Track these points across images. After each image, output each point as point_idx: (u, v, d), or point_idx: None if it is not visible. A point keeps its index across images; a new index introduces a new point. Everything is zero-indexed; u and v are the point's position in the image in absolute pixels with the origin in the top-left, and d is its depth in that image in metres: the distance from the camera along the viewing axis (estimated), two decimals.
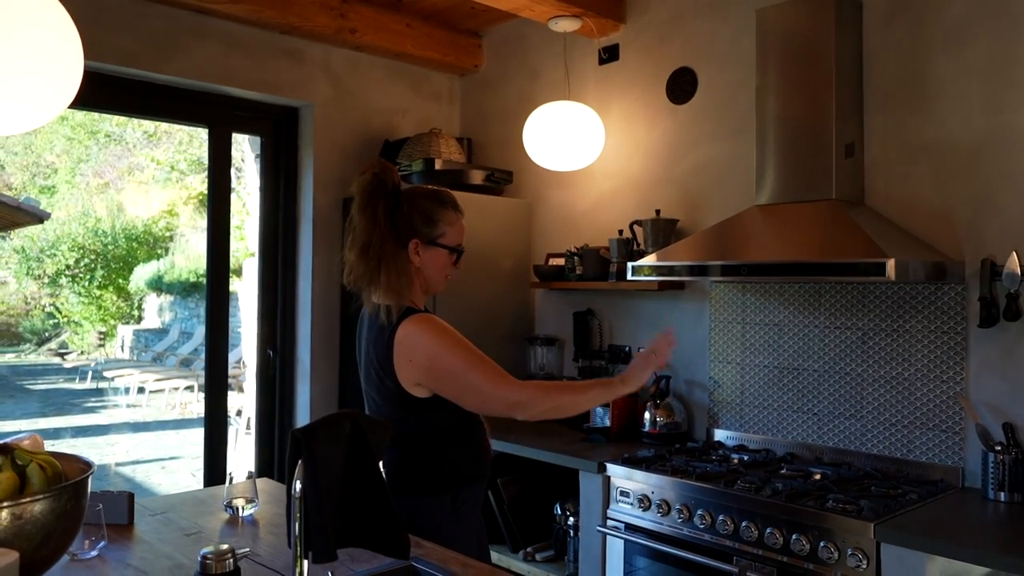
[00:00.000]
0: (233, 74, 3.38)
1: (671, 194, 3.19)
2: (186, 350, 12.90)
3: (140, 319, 16.35)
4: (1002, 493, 2.22)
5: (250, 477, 1.99)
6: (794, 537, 2.13)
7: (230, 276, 3.62)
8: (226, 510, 1.96)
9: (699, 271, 2.55)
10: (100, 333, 15.77)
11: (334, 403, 3.67)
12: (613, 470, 2.63)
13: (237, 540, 1.78)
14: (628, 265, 2.78)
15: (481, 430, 2.03)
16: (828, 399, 2.70)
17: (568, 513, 2.92)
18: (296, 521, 1.36)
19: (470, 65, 4.00)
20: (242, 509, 1.94)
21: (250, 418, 4.90)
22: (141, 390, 10.71)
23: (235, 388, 8.24)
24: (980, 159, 2.39)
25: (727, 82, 3.02)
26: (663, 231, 3.04)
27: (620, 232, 3.22)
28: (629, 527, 2.56)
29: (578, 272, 3.28)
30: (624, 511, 2.59)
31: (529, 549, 3.05)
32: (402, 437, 1.91)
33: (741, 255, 2.49)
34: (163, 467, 7.27)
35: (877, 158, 2.61)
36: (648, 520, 2.51)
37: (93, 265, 15.64)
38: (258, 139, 3.71)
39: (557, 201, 3.66)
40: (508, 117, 3.85)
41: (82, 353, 15.30)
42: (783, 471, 2.49)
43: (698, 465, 2.53)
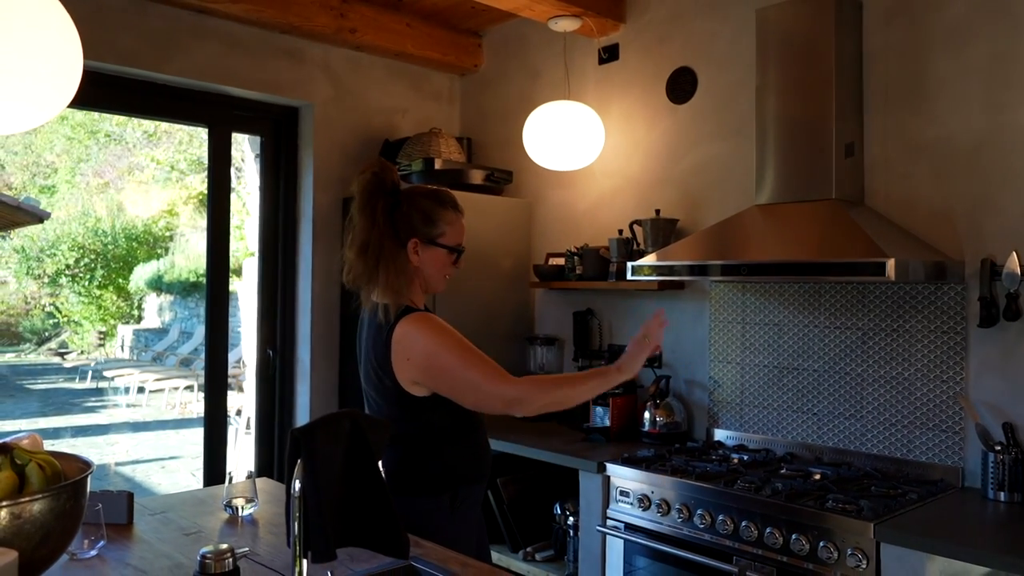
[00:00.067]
0: (233, 74, 3.38)
1: (671, 194, 3.19)
2: (186, 350, 12.90)
3: (140, 319, 16.35)
4: (1002, 493, 2.22)
5: (250, 477, 1.99)
6: (794, 537, 2.13)
7: (230, 276, 3.62)
8: (226, 510, 1.96)
9: (699, 271, 2.55)
10: (100, 333, 15.78)
11: (334, 403, 3.67)
12: (613, 470, 2.63)
13: (236, 540, 1.78)
14: (628, 265, 2.78)
15: (481, 430, 2.03)
16: (828, 399, 2.70)
17: (568, 513, 2.92)
18: (295, 520, 1.36)
19: (470, 65, 4.00)
20: (242, 509, 1.94)
21: (250, 418, 4.90)
22: (141, 390, 10.72)
23: (235, 388, 8.24)
24: (980, 159, 2.39)
25: (727, 82, 3.02)
26: (663, 231, 3.04)
27: (620, 232, 3.22)
28: (629, 527, 2.56)
29: (578, 272, 3.28)
30: (624, 511, 2.59)
31: (529, 549, 3.05)
32: (401, 436, 1.91)
33: (741, 255, 2.49)
34: (163, 467, 7.27)
35: (877, 158, 2.61)
36: (648, 520, 2.51)
37: (93, 265, 15.64)
38: (258, 139, 3.71)
39: (557, 201, 3.66)
40: (508, 117, 3.85)
41: (82, 353, 15.31)
42: (783, 471, 2.49)
43: (698, 465, 2.53)
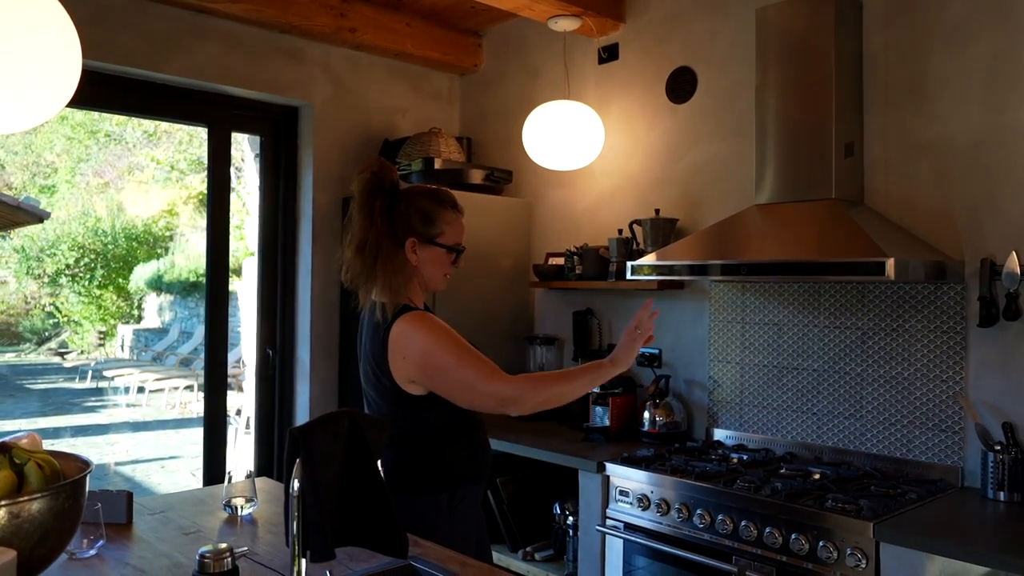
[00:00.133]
0: (233, 73, 3.38)
1: (671, 193, 3.19)
2: (186, 350, 12.90)
3: (140, 319, 16.35)
4: (1001, 493, 2.22)
5: (249, 476, 1.99)
6: (793, 537, 2.13)
7: (230, 276, 3.62)
8: (225, 509, 1.96)
9: (699, 270, 2.55)
10: (100, 333, 15.78)
11: (333, 402, 3.66)
12: (612, 469, 2.62)
13: (236, 539, 1.78)
14: (627, 264, 2.77)
15: (481, 429, 2.03)
16: (827, 399, 2.70)
17: (567, 512, 2.92)
18: (294, 520, 1.36)
19: (470, 64, 4.00)
20: (241, 508, 1.94)
21: (249, 417, 4.90)
22: (141, 389, 10.72)
23: (235, 387, 8.24)
24: (980, 159, 2.39)
25: (727, 82, 3.02)
26: (663, 230, 3.04)
27: (620, 231, 3.22)
28: (628, 526, 2.56)
29: (577, 271, 3.28)
30: (623, 510, 2.59)
31: (528, 548, 3.05)
32: (399, 435, 1.90)
33: (741, 255, 2.49)
34: (163, 466, 7.27)
35: (877, 158, 2.61)
36: (647, 519, 2.51)
37: (93, 265, 15.64)
38: (258, 138, 3.71)
39: (557, 200, 3.66)
40: (508, 116, 3.85)
41: (82, 352, 15.31)
42: (782, 471, 2.48)
43: (697, 464, 2.53)
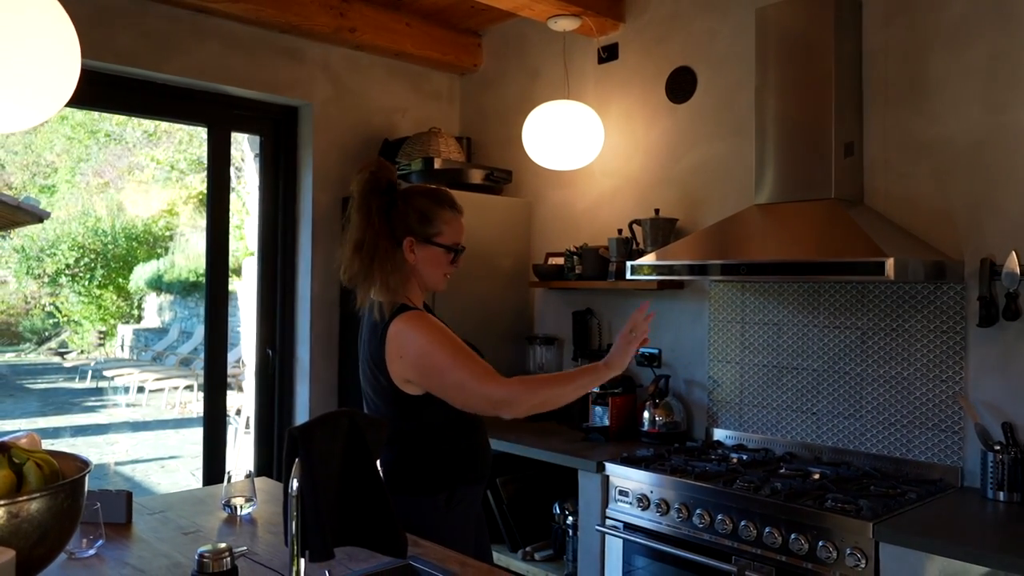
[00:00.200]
0: (233, 73, 3.38)
1: (670, 193, 3.19)
2: (186, 349, 12.91)
3: (140, 318, 16.36)
4: (1001, 493, 2.22)
5: (248, 476, 1.99)
6: (793, 536, 2.13)
7: (229, 275, 3.62)
8: (224, 509, 1.96)
9: (698, 270, 2.55)
10: (100, 332, 15.78)
11: (333, 402, 3.66)
12: (612, 469, 2.62)
13: (235, 539, 1.78)
14: (627, 264, 2.77)
15: (480, 430, 2.02)
16: (827, 398, 2.70)
17: (567, 512, 2.92)
18: (293, 520, 1.36)
19: (470, 64, 4.00)
20: (240, 508, 1.94)
21: (249, 417, 4.90)
22: (141, 389, 10.72)
23: (235, 387, 8.25)
24: (980, 158, 2.39)
25: (726, 81, 3.02)
26: (662, 230, 3.04)
27: (619, 231, 3.22)
28: (628, 526, 2.56)
29: (577, 271, 3.28)
30: (623, 510, 2.59)
31: (528, 548, 3.05)
32: (397, 435, 1.90)
33: (740, 254, 2.49)
34: (162, 466, 7.27)
35: (876, 157, 2.61)
36: (647, 519, 2.50)
37: (93, 264, 15.65)
38: (257, 138, 3.71)
39: (556, 200, 3.66)
40: (508, 116, 3.85)
41: (82, 352, 15.31)
42: (782, 470, 2.48)
43: (697, 464, 2.52)
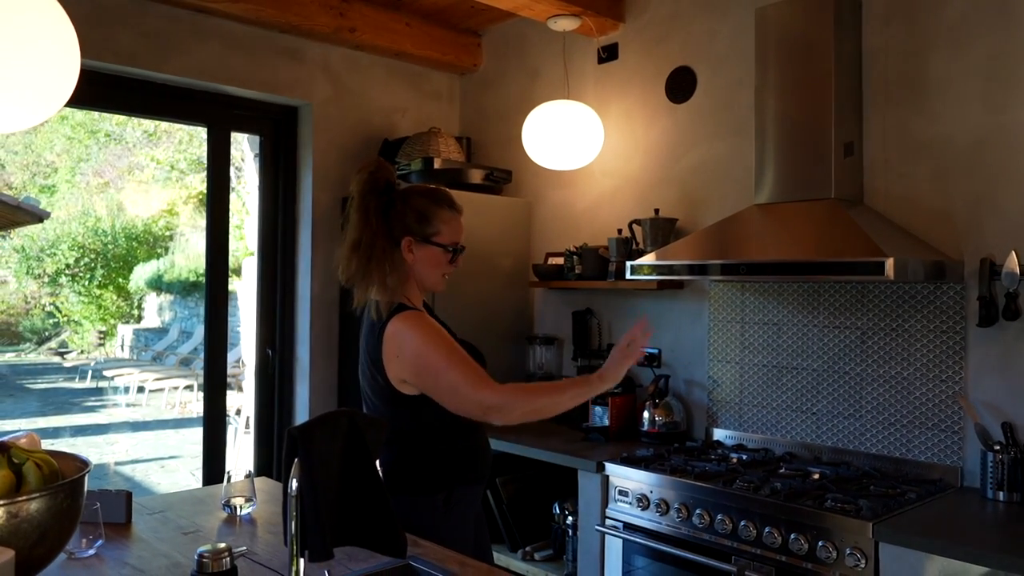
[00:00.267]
0: (232, 73, 3.37)
1: (670, 193, 3.19)
2: (186, 349, 12.91)
3: (140, 318, 16.36)
4: (1001, 492, 2.21)
5: (248, 476, 1.99)
6: (792, 536, 2.13)
7: (229, 275, 3.62)
8: (224, 509, 1.96)
9: (698, 270, 2.55)
10: (100, 332, 15.78)
11: (333, 402, 3.66)
12: (612, 469, 2.62)
13: (235, 539, 1.78)
14: (627, 264, 2.77)
15: (480, 430, 2.02)
16: (827, 398, 2.70)
17: (567, 512, 2.92)
18: (292, 520, 1.36)
19: (469, 64, 4.00)
20: (240, 508, 1.94)
21: (249, 417, 4.90)
22: (141, 389, 10.72)
23: (234, 387, 8.25)
24: (979, 158, 2.39)
25: (726, 81, 3.02)
26: (662, 230, 3.04)
27: (619, 231, 3.22)
28: (628, 526, 2.56)
29: (577, 271, 3.28)
30: (623, 510, 2.59)
31: (528, 548, 3.05)
32: (395, 435, 1.90)
33: (740, 254, 2.49)
34: (162, 466, 7.27)
35: (876, 157, 2.61)
36: (647, 519, 2.50)
37: (93, 264, 15.65)
38: (257, 138, 3.71)
39: (556, 200, 3.66)
40: (507, 116, 3.85)
41: (82, 352, 15.31)
42: (782, 470, 2.48)
43: (697, 464, 2.52)
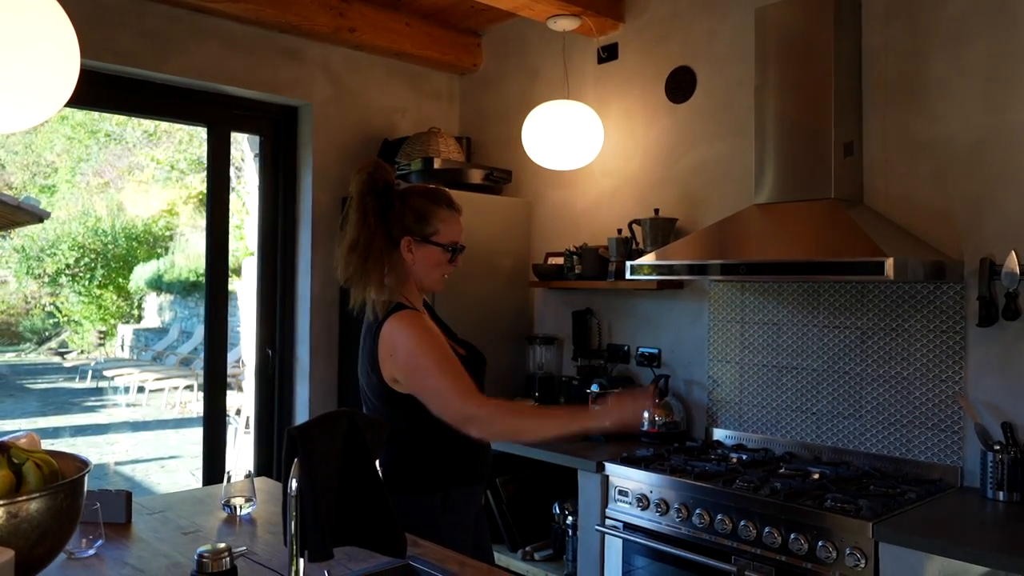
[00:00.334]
0: (232, 73, 3.37)
1: (670, 193, 3.19)
2: (186, 349, 12.91)
3: (140, 318, 16.36)
4: (1001, 492, 2.21)
5: (248, 476, 1.99)
6: (792, 536, 2.13)
7: (229, 275, 3.62)
8: (224, 509, 1.96)
9: (698, 270, 2.55)
10: (100, 332, 15.78)
11: (332, 402, 3.66)
12: (612, 469, 2.62)
13: (234, 539, 1.78)
14: (627, 264, 2.77)
15: None
16: (827, 398, 2.70)
17: (567, 512, 2.92)
18: (292, 520, 1.36)
19: (469, 64, 4.00)
20: (240, 508, 1.94)
21: (249, 417, 4.90)
22: (141, 389, 10.72)
23: (234, 387, 8.25)
24: (979, 158, 2.39)
25: (726, 81, 3.02)
26: (662, 230, 3.04)
27: (619, 231, 3.22)
28: (627, 526, 2.56)
29: (577, 271, 3.28)
30: (622, 510, 2.59)
31: (528, 548, 3.05)
32: (393, 435, 1.90)
33: (740, 254, 2.49)
34: (162, 466, 7.27)
35: (876, 157, 2.61)
36: (646, 519, 2.50)
37: (93, 264, 15.65)
38: (257, 138, 3.71)
39: (556, 200, 3.66)
40: (507, 116, 3.85)
41: (82, 352, 15.32)
42: (782, 470, 2.48)
43: (697, 464, 2.52)
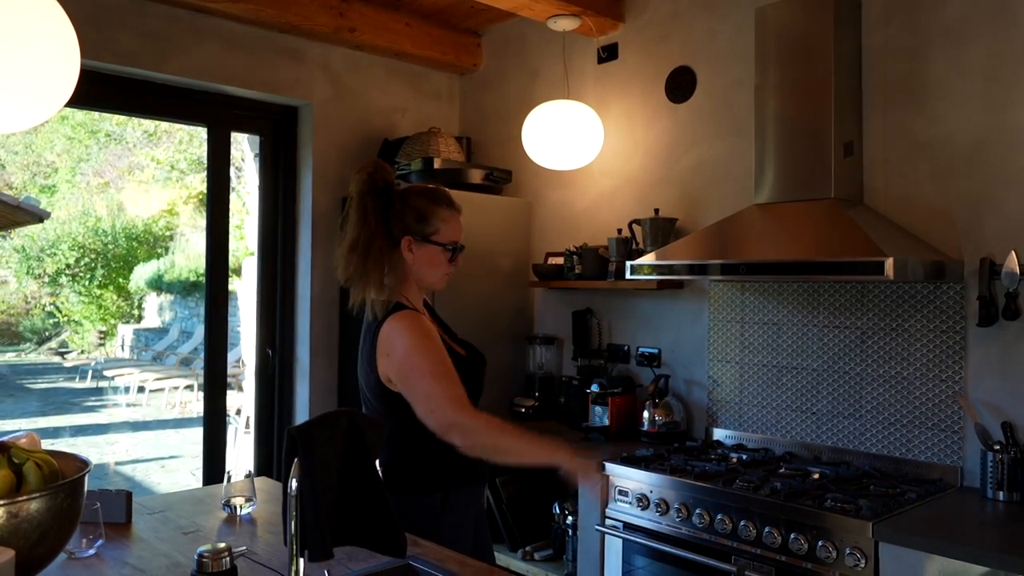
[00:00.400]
0: (232, 73, 3.38)
1: (670, 193, 3.19)
2: (186, 349, 12.91)
3: (140, 318, 16.36)
4: (1001, 492, 2.21)
5: (248, 476, 1.99)
6: (792, 536, 2.13)
7: (229, 275, 3.62)
8: (224, 509, 1.96)
9: (698, 270, 2.55)
10: (100, 332, 15.78)
11: (332, 402, 3.66)
12: (612, 469, 2.62)
13: (235, 539, 1.78)
14: (627, 264, 2.77)
15: None
16: (827, 398, 2.70)
17: (567, 512, 2.92)
18: (292, 519, 1.36)
19: (469, 64, 4.00)
20: (240, 508, 1.94)
21: (249, 417, 4.91)
22: (141, 389, 10.72)
23: (235, 387, 8.25)
24: (979, 158, 2.39)
25: (726, 81, 3.02)
26: (662, 230, 3.04)
27: (619, 231, 3.22)
28: (627, 526, 2.56)
29: (577, 271, 3.28)
30: (623, 510, 2.59)
31: (528, 548, 3.05)
32: (392, 434, 1.90)
33: (740, 254, 2.49)
34: (163, 466, 7.27)
35: (876, 157, 2.61)
36: (646, 519, 2.51)
37: (93, 264, 15.65)
38: (257, 138, 3.71)
39: (556, 200, 3.66)
40: (507, 116, 3.85)
41: (82, 352, 15.32)
42: (782, 470, 2.48)
43: (697, 464, 2.52)
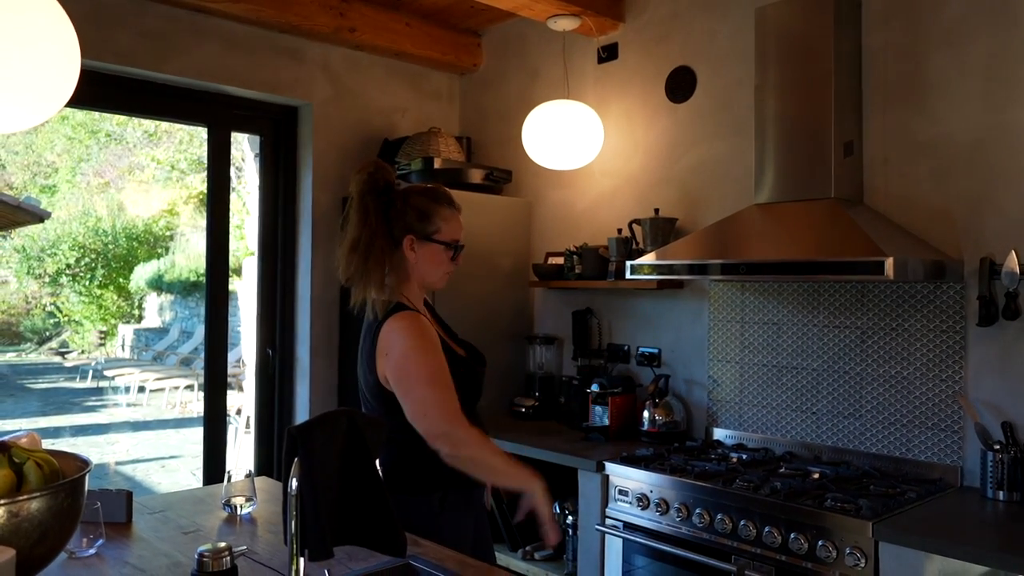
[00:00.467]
0: (232, 73, 3.38)
1: (670, 193, 3.19)
2: (186, 349, 12.91)
3: (140, 318, 16.37)
4: (1001, 492, 2.22)
5: (248, 476, 1.99)
6: (792, 536, 2.13)
7: (230, 275, 3.62)
8: (224, 508, 1.96)
9: (698, 270, 2.55)
10: (100, 332, 15.79)
11: (333, 402, 3.67)
12: (612, 469, 2.62)
13: (235, 538, 1.78)
14: (627, 264, 2.78)
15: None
16: (827, 398, 2.70)
17: (567, 512, 2.92)
18: (292, 519, 1.36)
19: (469, 64, 4.00)
20: (240, 508, 1.94)
21: (249, 417, 4.91)
22: (141, 389, 10.73)
23: (235, 387, 8.25)
24: (979, 158, 2.39)
25: (726, 81, 3.02)
26: (662, 230, 3.04)
27: (619, 231, 3.22)
28: (628, 526, 2.56)
29: (577, 271, 3.28)
30: (623, 510, 2.59)
31: (528, 548, 3.05)
32: (392, 435, 1.90)
33: (740, 254, 2.49)
34: (163, 466, 7.27)
35: (876, 157, 2.61)
36: (647, 519, 2.51)
37: (94, 264, 15.66)
38: (257, 138, 3.71)
39: (556, 200, 3.66)
40: (507, 116, 3.85)
41: (83, 352, 15.32)
42: (782, 470, 2.48)
43: (697, 464, 2.53)
